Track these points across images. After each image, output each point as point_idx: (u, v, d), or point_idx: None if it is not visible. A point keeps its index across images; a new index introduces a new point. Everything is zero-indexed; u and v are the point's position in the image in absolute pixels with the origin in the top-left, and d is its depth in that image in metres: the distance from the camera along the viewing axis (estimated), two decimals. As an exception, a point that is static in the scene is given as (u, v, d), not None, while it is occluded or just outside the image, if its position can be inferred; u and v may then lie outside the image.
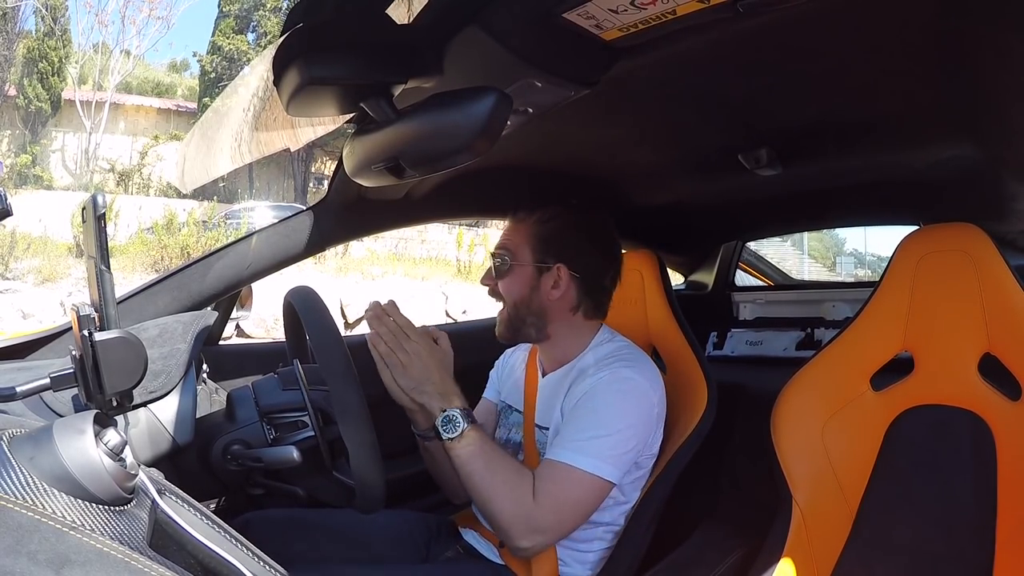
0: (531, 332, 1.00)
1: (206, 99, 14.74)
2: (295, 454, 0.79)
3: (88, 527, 0.39)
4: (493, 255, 1.02)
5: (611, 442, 0.87)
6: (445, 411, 0.86)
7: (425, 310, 6.79)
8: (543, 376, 1.06)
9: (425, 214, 1.22)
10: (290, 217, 1.07)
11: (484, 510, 0.86)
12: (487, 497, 0.84)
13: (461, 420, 0.85)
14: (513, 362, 1.16)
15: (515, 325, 1.00)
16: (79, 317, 0.50)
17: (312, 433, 0.82)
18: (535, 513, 0.84)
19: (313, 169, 16.63)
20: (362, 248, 9.26)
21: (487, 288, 1.03)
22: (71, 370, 0.53)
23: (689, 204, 1.48)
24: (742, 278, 1.97)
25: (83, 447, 0.43)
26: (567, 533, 0.89)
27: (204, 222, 7.99)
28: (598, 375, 0.93)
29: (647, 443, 0.94)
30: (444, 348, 0.91)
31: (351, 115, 0.66)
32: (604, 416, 0.89)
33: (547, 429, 0.99)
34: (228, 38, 15.49)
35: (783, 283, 2.13)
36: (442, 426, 0.86)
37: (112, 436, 0.46)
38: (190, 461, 0.80)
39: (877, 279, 1.04)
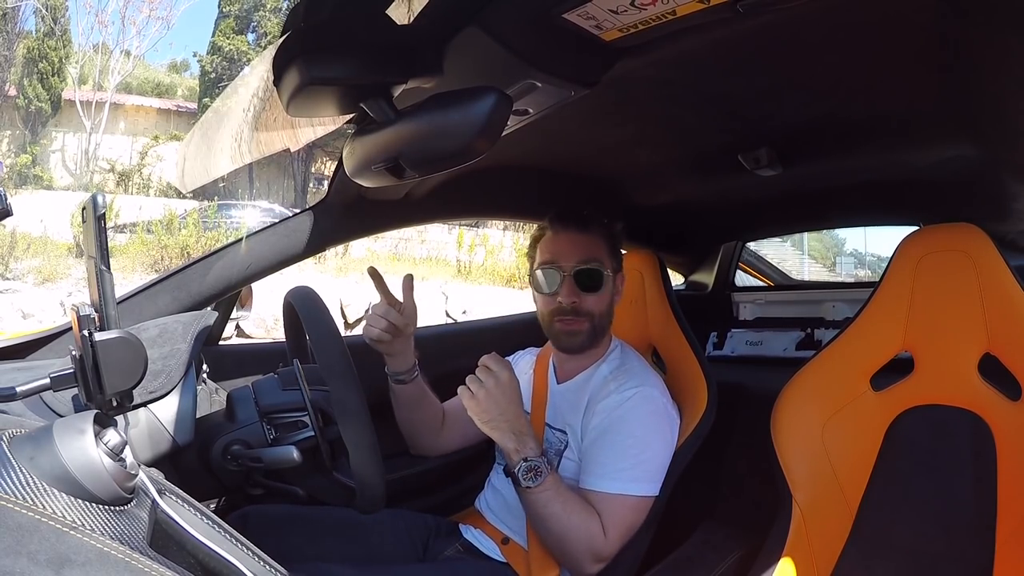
0: (599, 340, 1.04)
1: (206, 99, 14.76)
2: (295, 454, 0.79)
3: (88, 527, 0.39)
4: (581, 267, 0.99)
5: (652, 463, 0.93)
6: (527, 460, 0.88)
7: (425, 310, 6.78)
8: (558, 383, 1.09)
9: (425, 214, 1.22)
10: (290, 217, 1.07)
11: (556, 546, 0.89)
12: (562, 536, 0.88)
13: (544, 470, 0.88)
14: (521, 368, 1.19)
15: (597, 334, 1.03)
16: (79, 317, 0.50)
17: (312, 433, 0.82)
18: (604, 546, 0.88)
19: (313, 169, 16.64)
20: (362, 248, 9.26)
21: (568, 303, 0.99)
22: (71, 370, 0.53)
23: (689, 204, 1.48)
24: (742, 278, 1.97)
25: (83, 447, 0.43)
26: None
27: (204, 220, 7.98)
28: (624, 394, 0.96)
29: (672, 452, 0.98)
30: (512, 380, 0.91)
31: (351, 115, 0.66)
32: (642, 439, 0.93)
33: (560, 431, 1.02)
34: (228, 38, 15.49)
35: (783, 283, 2.13)
36: (523, 475, 0.87)
37: (112, 436, 0.46)
38: (190, 461, 0.80)
39: (877, 279, 1.04)
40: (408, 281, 1.03)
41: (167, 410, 0.73)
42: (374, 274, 1.02)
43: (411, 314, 1.02)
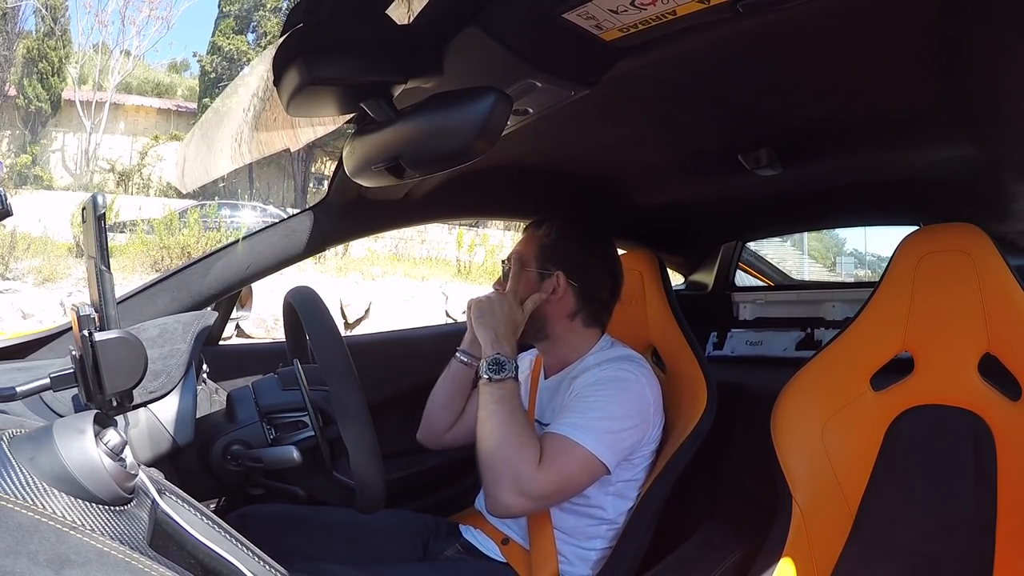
0: (529, 331, 1.05)
1: (206, 99, 14.76)
2: (295, 454, 0.79)
3: (88, 527, 0.39)
4: (503, 261, 1.10)
5: (610, 427, 0.91)
6: (498, 354, 0.94)
7: (425, 310, 6.79)
8: (545, 378, 1.11)
9: (425, 214, 1.22)
10: (290, 217, 1.07)
11: (487, 457, 0.89)
12: (496, 445, 0.88)
13: (508, 367, 0.93)
14: (522, 366, 1.19)
15: None
16: (79, 317, 0.50)
17: (312, 433, 0.82)
18: (535, 477, 0.86)
19: (313, 169, 16.64)
20: (362, 248, 9.25)
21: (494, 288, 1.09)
22: (71, 370, 0.53)
23: (689, 204, 1.48)
24: (742, 278, 1.97)
25: (83, 447, 0.43)
26: (552, 505, 0.94)
27: (204, 220, 7.98)
28: (605, 368, 0.98)
29: (643, 439, 0.97)
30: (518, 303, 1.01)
31: (351, 115, 0.66)
32: (606, 403, 0.93)
33: (548, 425, 1.00)
34: (228, 38, 15.50)
35: (783, 283, 2.13)
36: (488, 365, 0.93)
37: (112, 436, 0.46)
38: (190, 461, 0.80)
39: (877, 279, 1.04)
40: None
41: (167, 410, 0.73)
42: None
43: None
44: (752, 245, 1.96)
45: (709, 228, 1.73)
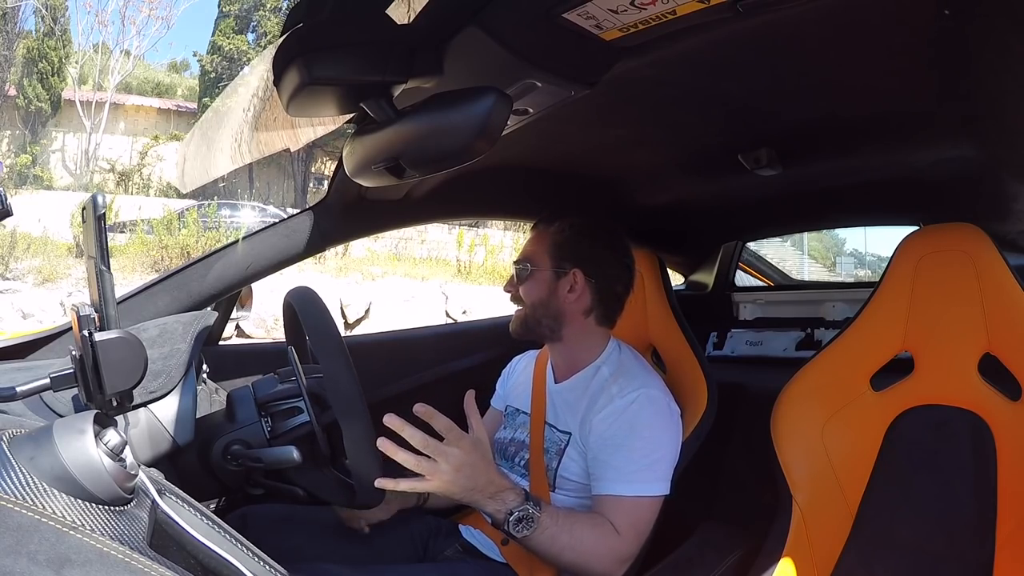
0: (545, 332, 1.05)
1: (206, 99, 14.76)
2: (295, 454, 0.79)
3: (88, 527, 0.39)
4: (515, 263, 1.08)
5: (662, 463, 0.93)
6: (512, 513, 0.82)
7: (425, 310, 6.80)
8: (555, 383, 1.09)
9: (425, 214, 1.22)
10: (290, 217, 1.07)
11: (581, 569, 0.86)
12: (583, 559, 0.86)
13: (533, 511, 0.82)
14: (520, 369, 1.20)
15: (529, 324, 1.06)
16: (79, 317, 0.50)
17: (307, 419, 0.82)
18: (623, 547, 0.88)
19: (313, 169, 16.64)
20: (362, 248, 9.25)
21: (509, 294, 1.09)
22: (71, 370, 0.53)
23: (689, 204, 1.48)
24: (742, 278, 1.97)
25: (83, 447, 0.43)
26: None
27: (204, 220, 7.97)
28: (628, 398, 0.96)
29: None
30: (479, 435, 0.83)
31: (351, 115, 0.66)
32: (649, 441, 0.93)
33: (564, 432, 1.02)
34: (228, 38, 15.50)
35: (783, 283, 2.13)
36: (515, 527, 0.82)
37: (112, 436, 0.46)
38: (190, 461, 0.80)
39: (877, 279, 1.04)
40: None
41: (167, 410, 0.73)
42: None
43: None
44: (752, 245, 1.96)
45: (709, 228, 1.73)
